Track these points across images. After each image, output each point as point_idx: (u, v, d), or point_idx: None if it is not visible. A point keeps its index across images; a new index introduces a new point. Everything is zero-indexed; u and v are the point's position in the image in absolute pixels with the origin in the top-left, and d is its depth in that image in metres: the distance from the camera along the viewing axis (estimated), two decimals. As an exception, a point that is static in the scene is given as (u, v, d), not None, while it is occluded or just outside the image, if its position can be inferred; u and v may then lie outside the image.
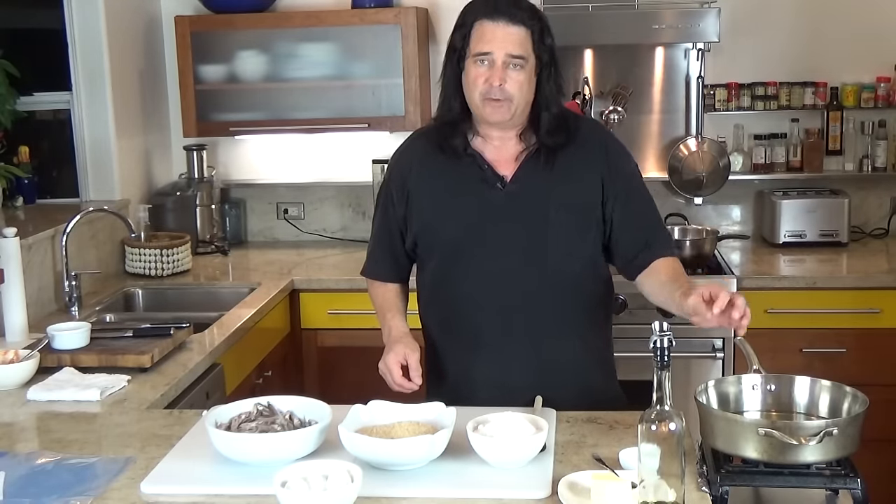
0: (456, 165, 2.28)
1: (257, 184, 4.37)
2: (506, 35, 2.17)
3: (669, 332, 1.66)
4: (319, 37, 4.00)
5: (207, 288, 3.72)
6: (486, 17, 2.19)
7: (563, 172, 2.26)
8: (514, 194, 2.26)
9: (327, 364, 3.73)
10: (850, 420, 1.77)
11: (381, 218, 2.43)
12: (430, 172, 2.32)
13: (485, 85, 2.18)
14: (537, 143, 2.27)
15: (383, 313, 2.43)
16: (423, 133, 2.42)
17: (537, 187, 2.26)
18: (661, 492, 1.62)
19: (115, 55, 3.86)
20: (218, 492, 1.82)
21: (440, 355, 2.37)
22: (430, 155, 2.32)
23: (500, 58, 2.17)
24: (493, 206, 2.26)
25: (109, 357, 2.59)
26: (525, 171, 2.27)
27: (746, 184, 4.15)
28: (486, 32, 2.18)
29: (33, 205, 3.84)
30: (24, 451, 2.06)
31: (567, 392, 2.24)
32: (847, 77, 4.06)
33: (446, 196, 2.29)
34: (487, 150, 2.29)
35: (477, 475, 1.84)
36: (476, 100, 2.21)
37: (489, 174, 2.27)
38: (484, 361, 2.28)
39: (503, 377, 2.27)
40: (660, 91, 4.12)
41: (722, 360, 3.52)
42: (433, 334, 2.40)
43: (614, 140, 2.37)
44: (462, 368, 2.32)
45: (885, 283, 3.52)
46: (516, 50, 2.18)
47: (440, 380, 2.37)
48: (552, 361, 2.28)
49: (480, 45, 2.19)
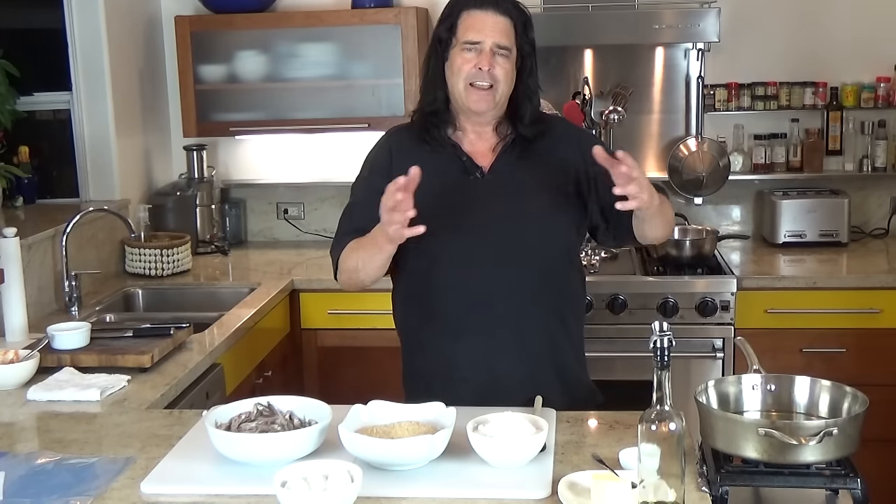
0: (435, 157, 2.30)
1: (257, 184, 4.37)
2: (494, 23, 2.23)
3: (669, 332, 1.66)
4: (319, 37, 4.00)
5: (207, 288, 3.72)
6: (474, 7, 2.24)
7: (539, 163, 2.31)
8: (492, 184, 2.29)
9: (327, 364, 3.73)
10: (850, 420, 1.77)
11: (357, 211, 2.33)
12: (410, 160, 2.26)
13: (472, 69, 2.22)
14: (513, 134, 2.31)
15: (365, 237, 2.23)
16: (400, 128, 2.44)
17: (514, 178, 2.30)
18: (661, 492, 1.62)
19: (115, 55, 3.86)
20: (218, 492, 1.82)
21: (420, 349, 2.36)
22: (410, 148, 2.33)
23: (488, 45, 2.22)
24: (473, 196, 2.28)
25: (109, 357, 2.59)
26: (502, 161, 2.31)
27: (746, 184, 4.15)
28: (475, 21, 2.23)
29: (33, 205, 3.84)
30: (24, 451, 2.06)
31: (548, 377, 2.29)
32: (847, 77, 4.06)
33: (427, 187, 2.25)
34: (465, 142, 2.33)
35: (477, 475, 1.84)
36: (460, 87, 2.25)
37: (468, 165, 2.30)
38: (467, 349, 2.28)
39: (487, 363, 2.28)
40: (660, 91, 4.12)
41: (722, 360, 3.52)
42: (412, 328, 2.38)
43: (586, 132, 2.46)
44: (444, 358, 2.31)
45: (885, 283, 3.52)
46: (503, 40, 2.23)
47: (419, 378, 2.36)
48: (534, 347, 2.30)
49: (470, 34, 2.23)
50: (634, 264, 3.74)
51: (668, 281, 3.58)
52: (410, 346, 2.40)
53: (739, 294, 3.52)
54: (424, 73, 2.34)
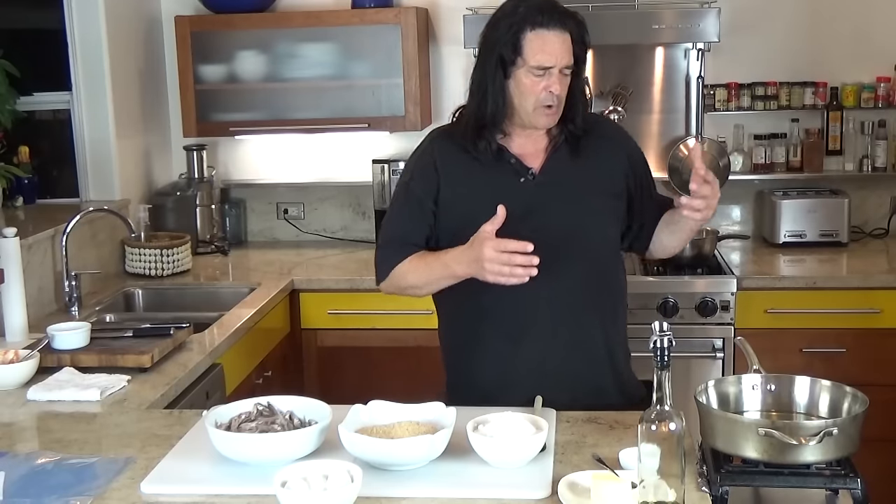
0: (483, 162, 2.29)
1: (257, 184, 4.37)
2: (562, 44, 2.21)
3: (669, 332, 1.66)
4: (319, 37, 4.00)
5: (207, 288, 3.72)
6: (540, 26, 2.20)
7: (589, 163, 2.32)
8: (544, 185, 2.29)
9: (327, 364, 3.73)
10: (850, 420, 1.77)
11: (401, 217, 2.36)
12: (457, 170, 2.31)
13: (543, 92, 2.21)
14: (562, 134, 2.31)
15: (433, 258, 2.26)
16: (443, 130, 2.41)
17: (566, 178, 2.30)
18: (661, 492, 1.62)
19: (115, 55, 3.86)
20: (218, 492, 1.82)
21: (475, 353, 2.34)
22: (455, 155, 2.32)
23: (558, 69, 2.21)
24: (525, 198, 2.27)
25: (109, 357, 2.59)
26: (553, 162, 2.31)
27: (746, 184, 4.15)
28: (544, 45, 2.20)
29: (33, 205, 3.84)
30: (24, 451, 2.06)
31: (605, 377, 2.33)
32: (847, 77, 4.06)
33: (477, 192, 2.28)
34: (513, 145, 2.32)
35: (477, 475, 1.84)
36: (528, 108, 2.24)
37: (518, 167, 2.30)
38: (525, 352, 2.28)
39: (546, 365, 2.27)
40: (660, 91, 4.12)
41: (722, 360, 3.52)
42: (465, 335, 2.36)
43: (627, 133, 2.48)
44: (502, 361, 2.30)
45: (885, 283, 3.52)
46: (570, 59, 2.23)
47: (473, 382, 2.35)
48: (592, 347, 2.32)
49: (539, 58, 2.20)
50: (635, 264, 3.73)
51: (668, 281, 3.58)
52: (463, 350, 2.37)
53: (739, 294, 3.52)
54: (479, 81, 2.28)
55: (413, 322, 3.60)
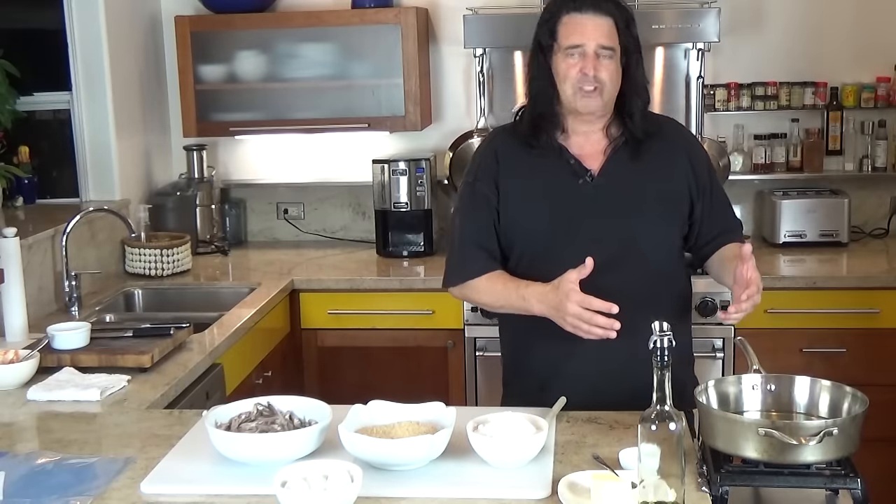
0: (543, 160, 2.29)
1: (257, 184, 4.37)
2: (595, 26, 2.21)
3: (669, 332, 1.66)
4: (319, 37, 4.00)
5: (207, 288, 3.72)
6: (574, 10, 2.22)
7: (649, 165, 2.29)
8: (603, 188, 2.27)
9: (327, 364, 3.73)
10: (850, 420, 1.77)
11: (471, 219, 2.35)
12: (517, 168, 2.31)
13: (578, 74, 2.21)
14: (622, 136, 2.30)
15: (513, 287, 2.25)
16: (504, 129, 2.41)
17: (625, 180, 2.28)
18: (661, 492, 1.62)
19: (115, 55, 3.86)
20: (218, 492, 1.82)
21: (528, 354, 2.34)
22: (515, 151, 2.32)
23: (591, 48, 2.21)
24: (583, 200, 2.26)
25: (109, 357, 2.59)
26: (612, 164, 2.29)
27: (746, 184, 4.15)
28: (576, 25, 2.21)
29: (33, 205, 3.84)
30: (24, 451, 2.06)
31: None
32: (847, 77, 4.06)
33: (535, 192, 2.28)
34: (573, 144, 2.31)
35: (477, 475, 1.84)
36: (569, 92, 2.24)
37: (577, 168, 2.28)
38: (581, 357, 2.24)
39: (604, 368, 2.24)
40: (660, 91, 4.12)
41: (722, 360, 3.52)
42: (520, 334, 2.35)
43: (691, 133, 2.45)
44: (554, 365, 2.28)
45: (885, 283, 3.52)
46: (606, 41, 2.22)
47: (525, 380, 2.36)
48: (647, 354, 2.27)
49: (571, 38, 2.21)
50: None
51: (668, 281, 3.58)
52: (523, 348, 2.36)
53: (739, 294, 3.51)
54: (531, 75, 2.31)
55: (413, 322, 3.60)
